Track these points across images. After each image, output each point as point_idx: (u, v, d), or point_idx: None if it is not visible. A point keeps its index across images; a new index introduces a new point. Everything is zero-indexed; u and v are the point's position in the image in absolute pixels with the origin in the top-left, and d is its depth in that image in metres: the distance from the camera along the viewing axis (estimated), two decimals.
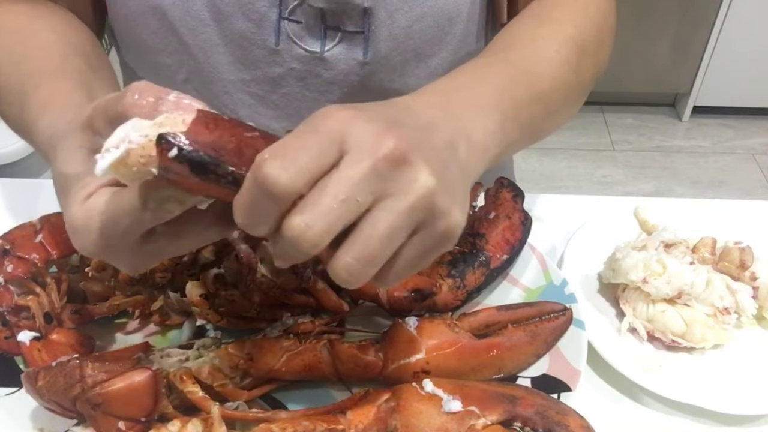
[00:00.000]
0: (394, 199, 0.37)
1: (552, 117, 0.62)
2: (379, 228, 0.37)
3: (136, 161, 0.35)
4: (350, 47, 0.69)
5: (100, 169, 0.35)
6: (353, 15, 0.66)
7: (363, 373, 0.56)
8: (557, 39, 0.61)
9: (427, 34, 0.70)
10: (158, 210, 0.37)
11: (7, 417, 0.56)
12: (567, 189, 2.42)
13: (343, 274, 0.37)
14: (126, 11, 0.70)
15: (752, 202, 0.82)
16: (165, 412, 0.53)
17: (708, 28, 2.46)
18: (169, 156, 0.34)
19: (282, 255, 0.38)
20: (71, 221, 0.40)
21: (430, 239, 0.39)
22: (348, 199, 0.36)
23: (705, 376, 0.62)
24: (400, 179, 0.37)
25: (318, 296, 0.60)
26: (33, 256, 0.62)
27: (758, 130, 2.70)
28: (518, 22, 0.66)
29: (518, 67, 0.57)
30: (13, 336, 0.59)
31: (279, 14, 0.67)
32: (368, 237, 0.37)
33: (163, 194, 0.37)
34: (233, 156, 0.36)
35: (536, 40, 0.61)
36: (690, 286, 0.64)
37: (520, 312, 0.60)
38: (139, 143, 0.35)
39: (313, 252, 0.36)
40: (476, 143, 0.46)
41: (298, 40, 0.68)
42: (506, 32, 0.64)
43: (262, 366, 0.54)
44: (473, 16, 0.73)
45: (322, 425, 0.49)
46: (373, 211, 0.37)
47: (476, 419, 0.51)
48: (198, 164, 0.35)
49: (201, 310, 0.60)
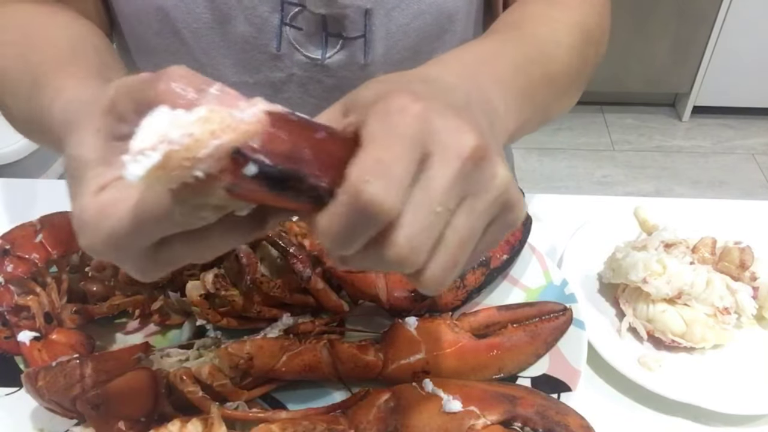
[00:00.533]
0: (475, 199, 0.36)
1: (560, 100, 0.61)
2: (463, 233, 0.36)
3: (177, 164, 0.29)
4: (351, 53, 0.69)
5: (133, 176, 0.28)
6: (355, 19, 0.66)
7: (363, 373, 0.56)
8: (567, 23, 0.61)
9: (425, 31, 0.69)
10: (189, 216, 0.32)
11: (7, 417, 0.56)
12: (567, 189, 2.42)
13: (433, 286, 0.36)
14: (129, 10, 0.70)
15: (752, 202, 0.82)
16: (165, 412, 0.53)
17: (708, 28, 2.46)
18: (245, 173, 0.29)
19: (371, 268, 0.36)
20: (80, 214, 0.35)
21: (501, 229, 0.38)
22: (442, 210, 0.34)
23: (705, 376, 0.62)
24: (481, 178, 0.36)
25: (318, 296, 0.60)
26: (33, 255, 0.62)
27: (758, 130, 2.70)
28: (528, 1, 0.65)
29: (532, 45, 0.56)
30: (13, 336, 0.59)
31: (281, 20, 0.67)
32: (453, 244, 0.35)
33: (202, 201, 0.31)
34: (313, 167, 0.31)
35: (548, 22, 0.60)
36: (690, 286, 0.64)
37: (520, 312, 0.60)
38: (183, 144, 0.28)
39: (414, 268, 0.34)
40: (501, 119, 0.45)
41: (299, 47, 0.68)
42: (516, 10, 0.63)
43: (262, 366, 0.54)
44: (471, 14, 0.73)
45: (322, 425, 0.49)
46: (455, 215, 0.35)
47: (476, 419, 0.51)
48: (279, 181, 0.30)
49: (201, 310, 0.60)
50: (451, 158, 0.34)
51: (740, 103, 2.68)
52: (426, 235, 0.34)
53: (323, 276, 0.60)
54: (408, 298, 0.59)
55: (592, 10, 0.65)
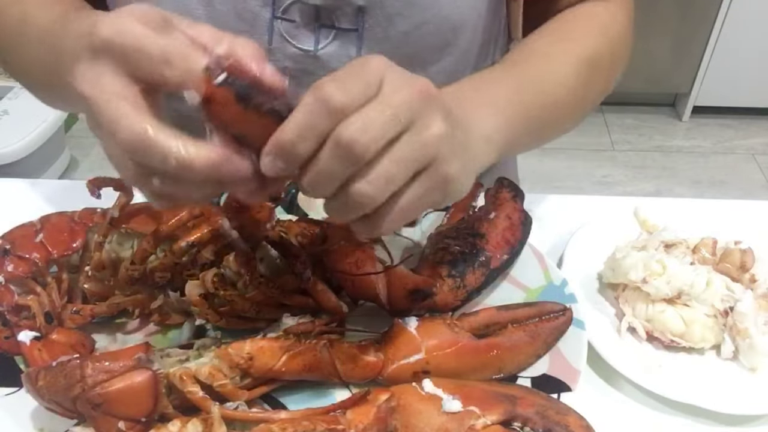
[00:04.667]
0: (413, 133, 0.42)
1: (559, 124, 0.67)
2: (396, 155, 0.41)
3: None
4: (344, 45, 0.69)
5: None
6: (348, 12, 0.66)
7: (363, 373, 0.56)
8: (570, 55, 0.65)
9: (427, 41, 0.69)
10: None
11: (7, 417, 0.56)
12: (567, 189, 2.42)
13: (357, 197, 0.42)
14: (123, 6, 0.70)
15: (752, 202, 0.82)
16: (165, 412, 0.53)
17: (708, 28, 2.46)
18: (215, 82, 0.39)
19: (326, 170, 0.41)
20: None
21: (428, 182, 0.44)
22: (392, 115, 0.41)
23: (704, 376, 0.62)
24: (425, 115, 0.42)
25: (317, 297, 0.60)
26: (33, 255, 0.62)
27: (758, 130, 2.71)
28: (535, 36, 0.69)
29: (529, 76, 0.62)
30: (13, 336, 0.59)
31: (272, 13, 0.67)
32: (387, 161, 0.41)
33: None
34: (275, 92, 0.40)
35: (549, 56, 0.66)
36: (690, 287, 0.64)
37: (520, 312, 0.60)
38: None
39: (362, 158, 0.40)
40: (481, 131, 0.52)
41: (291, 39, 0.69)
42: (523, 47, 0.68)
43: (262, 366, 0.54)
44: (478, 29, 0.73)
45: (322, 425, 0.49)
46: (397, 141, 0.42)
47: (476, 419, 0.51)
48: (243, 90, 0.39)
49: (201, 310, 0.60)
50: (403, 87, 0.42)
51: (740, 103, 2.68)
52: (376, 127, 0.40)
53: (323, 277, 0.60)
54: (408, 298, 0.59)
55: (604, 39, 0.69)
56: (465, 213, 0.69)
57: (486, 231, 0.64)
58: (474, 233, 0.64)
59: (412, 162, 0.42)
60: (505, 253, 0.64)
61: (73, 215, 0.66)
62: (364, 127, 0.40)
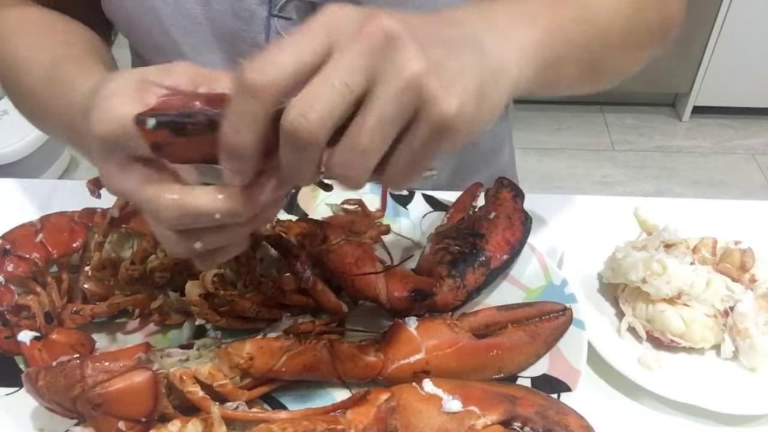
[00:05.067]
0: (384, 84, 0.36)
1: (612, 50, 0.59)
2: (370, 116, 0.36)
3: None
4: None
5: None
6: None
7: (363, 373, 0.56)
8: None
9: None
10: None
11: (7, 417, 0.56)
12: (567, 189, 2.42)
13: (338, 169, 0.37)
14: (123, 12, 0.70)
15: (752, 202, 0.82)
16: (165, 412, 0.53)
17: (708, 28, 2.45)
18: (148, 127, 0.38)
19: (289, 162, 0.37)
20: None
21: (425, 128, 0.38)
22: (339, 85, 0.35)
23: (704, 376, 0.62)
24: (389, 62, 0.36)
25: (317, 297, 0.60)
26: (33, 255, 0.62)
27: (758, 130, 2.70)
28: None
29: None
30: (13, 336, 0.59)
31: (269, 11, 0.67)
32: (359, 126, 0.36)
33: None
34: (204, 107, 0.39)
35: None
36: (690, 287, 0.64)
37: (520, 312, 0.60)
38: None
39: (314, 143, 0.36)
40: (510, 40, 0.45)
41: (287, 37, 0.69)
42: None
43: (262, 366, 0.54)
44: None
45: (322, 425, 0.49)
46: (365, 99, 0.36)
47: (476, 419, 0.51)
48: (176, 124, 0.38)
49: (200, 310, 0.60)
50: (350, 39, 0.36)
51: (740, 103, 2.68)
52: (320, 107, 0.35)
53: (323, 277, 0.60)
54: (408, 298, 0.59)
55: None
56: (465, 213, 0.69)
57: (486, 231, 0.64)
58: (474, 233, 0.64)
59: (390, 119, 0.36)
60: (505, 253, 0.64)
61: (73, 215, 0.66)
62: (304, 111, 0.35)
